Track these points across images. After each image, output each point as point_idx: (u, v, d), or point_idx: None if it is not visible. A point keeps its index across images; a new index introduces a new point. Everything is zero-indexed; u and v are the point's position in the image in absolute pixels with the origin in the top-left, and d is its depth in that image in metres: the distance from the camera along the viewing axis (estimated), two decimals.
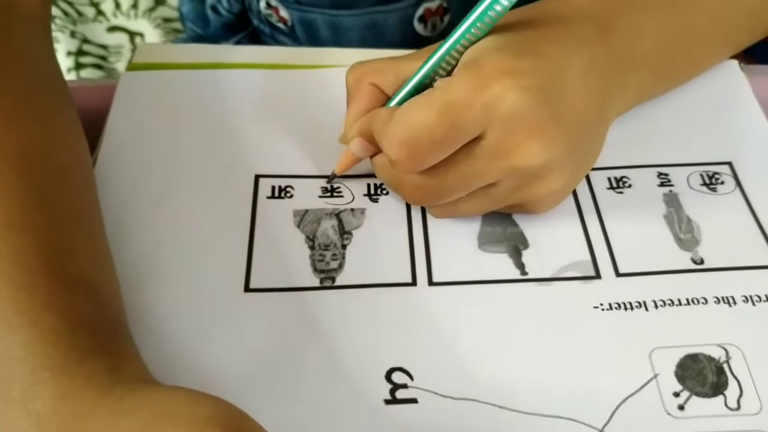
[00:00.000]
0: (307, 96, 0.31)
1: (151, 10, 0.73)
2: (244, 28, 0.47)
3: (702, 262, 0.26)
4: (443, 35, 0.44)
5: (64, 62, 0.67)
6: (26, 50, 0.28)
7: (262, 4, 0.44)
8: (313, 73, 0.32)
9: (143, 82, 0.32)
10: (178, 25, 0.73)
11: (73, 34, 0.69)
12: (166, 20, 0.73)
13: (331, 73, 0.32)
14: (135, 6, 0.73)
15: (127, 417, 0.17)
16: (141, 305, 0.24)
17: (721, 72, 0.32)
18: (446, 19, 0.44)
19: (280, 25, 0.44)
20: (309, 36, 0.43)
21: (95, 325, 0.20)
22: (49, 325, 0.19)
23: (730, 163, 0.29)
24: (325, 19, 0.42)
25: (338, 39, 0.43)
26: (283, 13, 0.43)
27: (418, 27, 0.43)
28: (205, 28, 0.49)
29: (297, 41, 0.45)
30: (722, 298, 0.25)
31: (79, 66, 0.66)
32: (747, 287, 0.25)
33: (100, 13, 0.74)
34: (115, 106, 0.31)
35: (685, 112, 0.31)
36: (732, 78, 0.32)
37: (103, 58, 0.69)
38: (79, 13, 0.73)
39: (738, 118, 0.31)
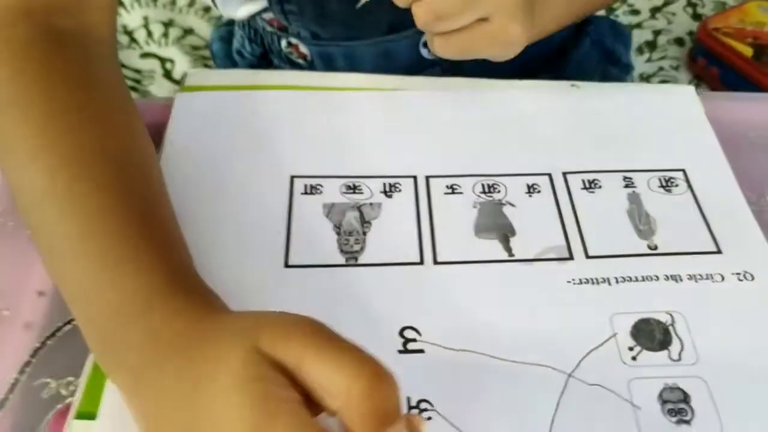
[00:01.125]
0: (331, 112, 0.37)
1: (181, 38, 0.80)
2: (267, 67, 0.53)
3: (656, 248, 0.31)
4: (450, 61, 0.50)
5: None
6: (106, 70, 0.34)
7: (284, 44, 0.50)
8: (337, 93, 0.38)
9: (195, 101, 0.38)
10: (205, 52, 0.79)
11: None
12: (195, 48, 0.80)
13: (350, 94, 0.38)
14: (166, 35, 0.80)
15: (230, 324, 0.22)
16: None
17: (681, 96, 0.38)
18: None
19: (300, 60, 0.50)
20: (327, 68, 0.49)
21: (190, 272, 0.26)
22: (158, 270, 0.25)
23: (683, 170, 0.35)
24: (341, 51, 0.48)
25: (354, 67, 0.49)
26: (303, 49, 0.49)
27: (423, 51, 0.48)
28: (233, 67, 0.55)
29: None
30: (671, 276, 0.30)
31: None
32: (691, 268, 0.31)
33: (133, 40, 0.81)
34: (172, 119, 0.37)
35: (649, 127, 0.37)
36: (689, 101, 0.38)
37: (138, 81, 0.75)
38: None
39: (691, 134, 0.36)
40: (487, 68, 0.37)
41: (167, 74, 0.76)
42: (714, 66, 0.75)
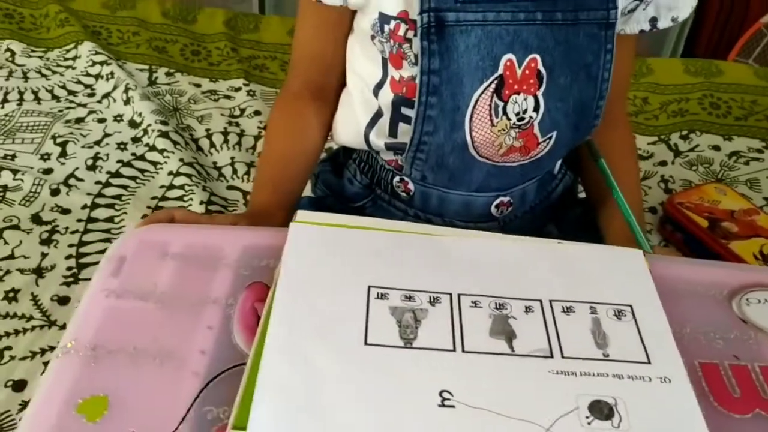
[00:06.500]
0: (401, 246, 0.52)
1: None
2: (367, 196, 0.70)
3: (608, 356, 0.46)
4: (505, 219, 0.67)
5: (198, 209, 0.90)
6: (312, 121, 0.67)
7: (396, 179, 0.66)
8: (409, 235, 0.54)
9: (305, 232, 0.53)
10: None
11: (204, 188, 0.94)
12: None
13: (417, 237, 0.53)
14: (247, 173, 0.98)
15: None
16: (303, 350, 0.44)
17: (631, 255, 0.54)
18: (510, 209, 0.67)
19: (403, 194, 0.66)
20: (423, 204, 0.65)
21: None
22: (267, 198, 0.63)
23: (630, 306, 0.50)
24: (438, 193, 0.64)
25: (442, 207, 0.65)
26: (410, 186, 0.65)
27: (493, 210, 0.65)
28: (338, 193, 0.71)
29: (411, 206, 0.66)
30: (617, 374, 0.44)
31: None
32: (631, 370, 0.44)
33: (221, 175, 0.99)
34: (288, 244, 0.52)
35: (611, 277, 0.52)
36: (636, 259, 0.53)
37: (224, 207, 0.92)
38: (208, 173, 0.98)
39: (637, 282, 0.51)
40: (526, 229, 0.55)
41: (248, 204, 0.93)
42: (678, 232, 0.92)
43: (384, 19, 0.57)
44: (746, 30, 1.78)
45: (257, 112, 1.11)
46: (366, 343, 0.45)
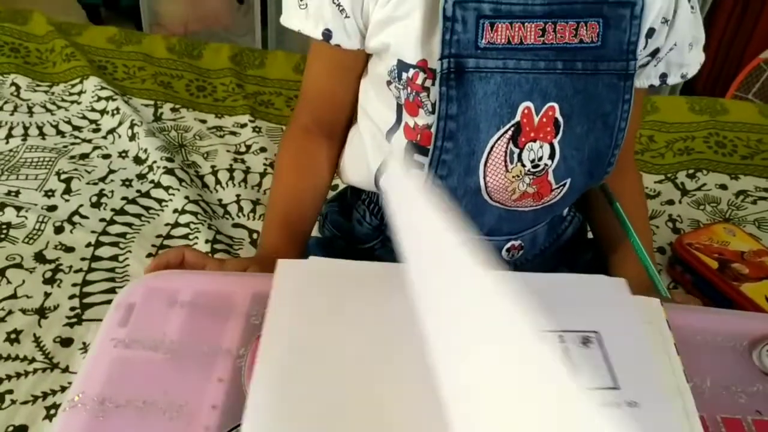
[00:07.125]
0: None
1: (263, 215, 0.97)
2: (376, 237, 0.69)
3: None
4: (516, 263, 0.66)
5: (203, 247, 0.89)
6: (322, 157, 0.67)
7: None
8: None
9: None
10: None
11: (209, 227, 0.93)
12: None
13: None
14: (253, 210, 0.98)
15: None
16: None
17: (601, 284, 0.53)
18: (521, 252, 0.66)
19: None
20: None
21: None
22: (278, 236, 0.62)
23: (597, 332, 0.48)
24: None
25: None
26: None
27: (504, 254, 0.65)
28: (347, 234, 0.71)
29: None
30: None
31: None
32: (600, 397, 0.42)
33: (226, 212, 0.99)
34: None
35: (579, 304, 0.51)
36: (607, 286, 0.53)
37: (230, 245, 0.91)
38: (213, 211, 0.98)
39: (606, 307, 0.51)
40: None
41: (253, 242, 0.93)
42: (688, 273, 0.91)
43: (403, 66, 0.57)
44: (745, 65, 1.80)
45: (263, 149, 1.11)
46: None
